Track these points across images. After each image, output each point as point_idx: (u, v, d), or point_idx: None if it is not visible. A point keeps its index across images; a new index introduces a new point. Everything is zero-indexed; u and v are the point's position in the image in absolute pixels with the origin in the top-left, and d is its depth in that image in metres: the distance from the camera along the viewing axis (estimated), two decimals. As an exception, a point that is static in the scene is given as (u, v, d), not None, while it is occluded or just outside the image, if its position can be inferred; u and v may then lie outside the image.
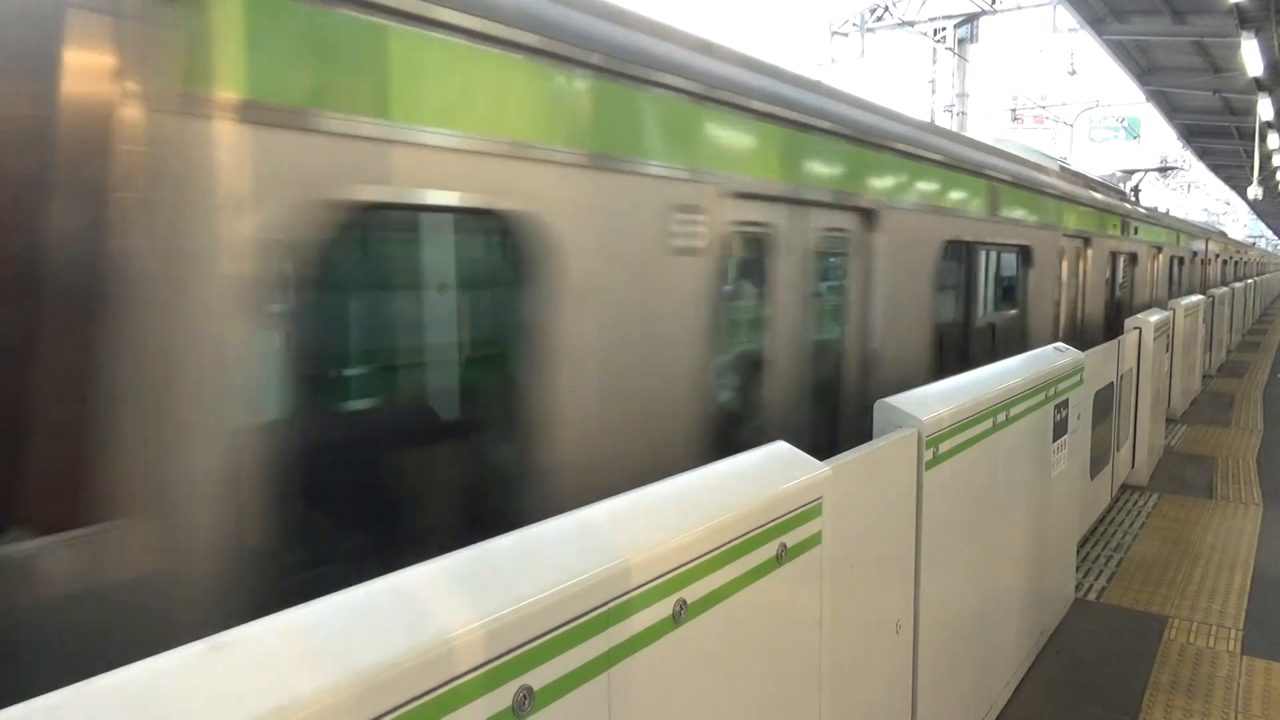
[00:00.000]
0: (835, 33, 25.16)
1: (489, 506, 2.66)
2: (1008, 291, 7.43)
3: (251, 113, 1.77)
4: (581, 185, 2.66)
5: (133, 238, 1.64)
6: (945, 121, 24.32)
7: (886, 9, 24.87)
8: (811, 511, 2.18)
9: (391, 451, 2.56)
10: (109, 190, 1.62)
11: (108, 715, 1.02)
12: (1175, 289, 16.23)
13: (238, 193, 1.76)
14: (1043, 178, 7.98)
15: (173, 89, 1.67)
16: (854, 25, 24.90)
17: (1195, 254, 19.39)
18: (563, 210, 2.57)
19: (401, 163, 2.09)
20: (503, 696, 1.31)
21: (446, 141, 2.19)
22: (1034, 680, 4.12)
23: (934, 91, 25.27)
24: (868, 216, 4.51)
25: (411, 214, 2.41)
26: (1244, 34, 12.00)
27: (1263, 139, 20.86)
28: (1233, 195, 55.19)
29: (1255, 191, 24.98)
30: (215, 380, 1.74)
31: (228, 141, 1.75)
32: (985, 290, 6.93)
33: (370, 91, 2.02)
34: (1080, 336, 8.99)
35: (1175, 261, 16.39)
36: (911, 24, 24.54)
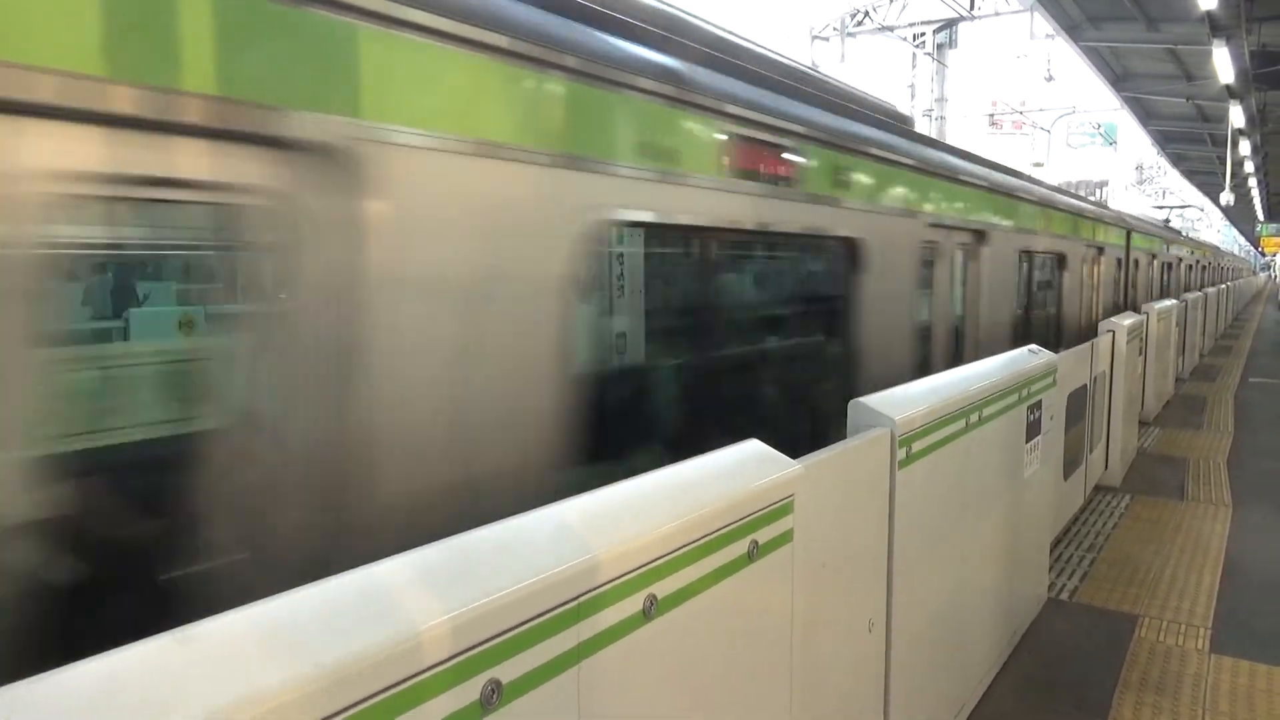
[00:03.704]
0: (816, 37, 25.31)
1: None
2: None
3: None
4: None
5: None
6: (924, 126, 24.49)
7: (867, 14, 25.06)
8: (783, 509, 2.19)
9: None
10: None
11: (70, 709, 1.01)
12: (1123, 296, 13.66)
13: None
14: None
15: None
16: (834, 30, 25.06)
17: (1156, 258, 17.22)
18: None
19: None
20: (470, 690, 1.32)
21: None
22: (1006, 678, 4.16)
23: (913, 96, 25.48)
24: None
25: None
26: (1215, 41, 12.18)
27: (1234, 145, 21.18)
28: (1206, 201, 55.94)
29: (1227, 197, 25.37)
30: None
31: None
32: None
33: None
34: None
35: (1118, 264, 13.35)
36: (891, 29, 24.73)
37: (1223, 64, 13.10)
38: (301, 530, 2.02)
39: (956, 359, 6.25)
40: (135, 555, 1.95)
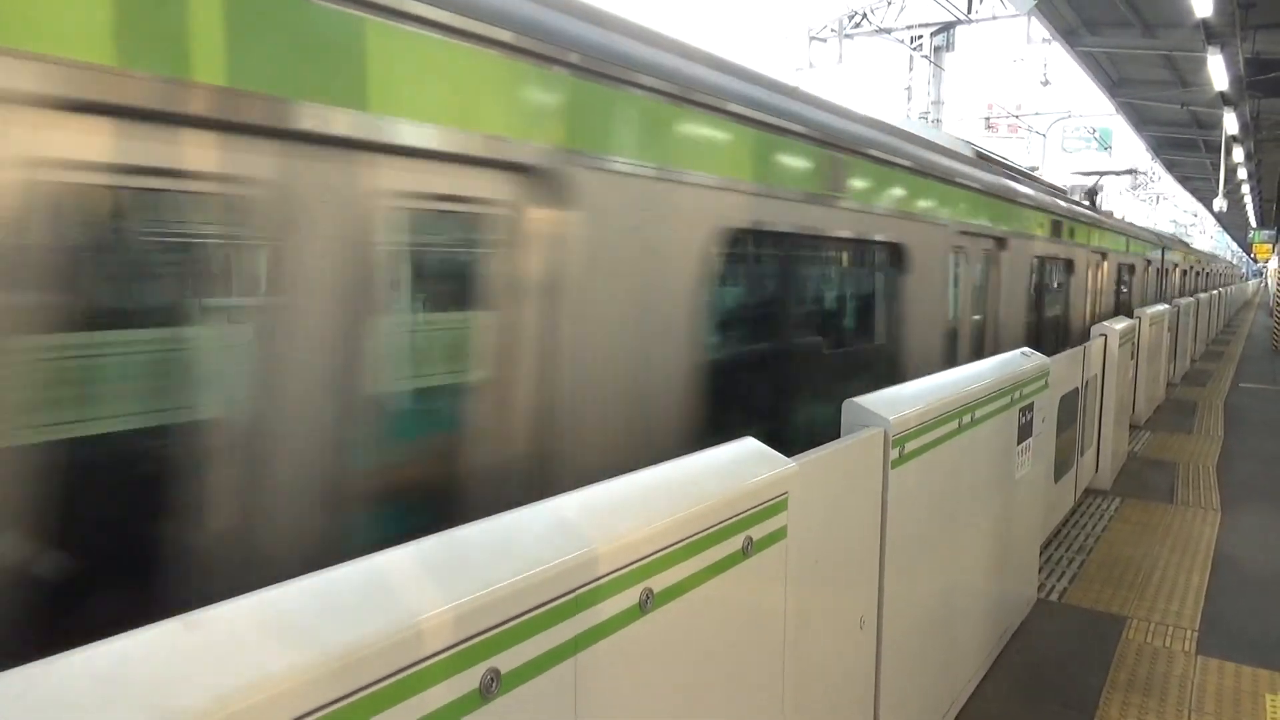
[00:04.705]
0: (814, 38, 25.33)
1: None
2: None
3: None
4: None
5: None
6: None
7: (865, 16, 25.09)
8: (777, 506, 2.22)
9: None
10: None
11: (77, 692, 1.03)
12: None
13: None
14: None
15: None
16: (832, 31, 25.08)
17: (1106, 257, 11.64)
18: None
19: None
20: (470, 679, 1.34)
21: None
22: (995, 678, 4.20)
23: (910, 98, 25.52)
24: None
25: None
26: (1210, 49, 12.25)
27: (1228, 152, 21.28)
28: (1200, 207, 56.23)
29: (1220, 204, 25.50)
30: None
31: None
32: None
33: None
34: None
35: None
36: (889, 31, 24.76)
37: (1217, 71, 13.17)
38: (532, 464, 2.52)
39: None
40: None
